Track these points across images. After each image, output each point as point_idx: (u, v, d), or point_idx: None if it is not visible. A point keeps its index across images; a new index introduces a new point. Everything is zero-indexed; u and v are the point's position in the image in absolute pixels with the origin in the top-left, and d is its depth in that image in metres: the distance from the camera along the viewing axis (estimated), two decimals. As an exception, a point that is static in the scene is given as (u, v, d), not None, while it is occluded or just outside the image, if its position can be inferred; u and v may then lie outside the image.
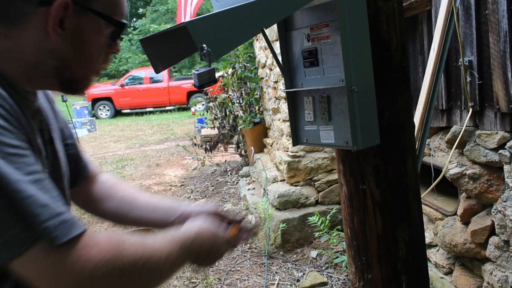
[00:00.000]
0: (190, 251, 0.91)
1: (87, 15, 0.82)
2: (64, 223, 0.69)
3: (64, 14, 0.79)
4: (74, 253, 0.69)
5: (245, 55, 5.99)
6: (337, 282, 3.16)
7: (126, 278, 0.75)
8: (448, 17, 2.21)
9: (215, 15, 0.94)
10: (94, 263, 0.71)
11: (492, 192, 2.28)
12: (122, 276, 0.75)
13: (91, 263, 0.70)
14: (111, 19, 0.85)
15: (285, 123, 4.27)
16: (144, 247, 0.80)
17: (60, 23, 0.79)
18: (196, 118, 9.81)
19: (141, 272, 0.78)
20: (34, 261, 0.67)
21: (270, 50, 1.50)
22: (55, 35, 0.79)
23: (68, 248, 0.69)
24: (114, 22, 0.86)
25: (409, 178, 1.26)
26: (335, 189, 3.94)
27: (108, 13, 0.84)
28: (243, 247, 3.89)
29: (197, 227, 0.96)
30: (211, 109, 7.11)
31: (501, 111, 2.14)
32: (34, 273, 0.68)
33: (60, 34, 0.80)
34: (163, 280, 0.85)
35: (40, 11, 0.78)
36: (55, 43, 0.80)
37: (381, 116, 1.18)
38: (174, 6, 21.60)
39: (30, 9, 0.78)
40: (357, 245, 1.30)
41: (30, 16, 0.78)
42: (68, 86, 0.89)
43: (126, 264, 0.75)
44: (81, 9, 0.81)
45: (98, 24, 0.84)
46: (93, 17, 0.83)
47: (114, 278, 0.74)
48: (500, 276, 2.27)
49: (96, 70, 0.90)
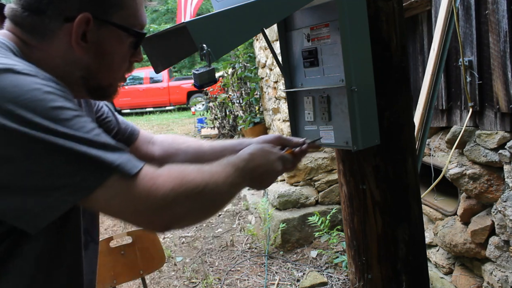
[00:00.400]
0: (246, 171, 0.97)
1: (108, 28, 0.88)
2: (131, 159, 0.79)
3: (86, 28, 0.86)
4: (146, 182, 0.78)
5: (245, 55, 5.99)
6: (337, 282, 3.16)
7: (192, 200, 0.84)
8: (448, 17, 2.21)
9: (215, 15, 0.94)
10: (163, 190, 0.79)
11: (492, 192, 2.28)
12: (188, 199, 0.83)
13: (161, 190, 0.79)
14: (130, 30, 0.91)
15: (285, 123, 4.28)
16: (203, 172, 0.88)
17: (83, 37, 0.86)
18: (196, 118, 9.79)
19: (204, 194, 0.85)
20: (113, 193, 0.76)
21: (270, 50, 1.50)
22: (79, 48, 0.86)
23: (140, 179, 0.78)
24: (133, 33, 0.92)
25: (409, 178, 1.26)
26: (335, 189, 3.95)
27: (127, 25, 0.90)
28: (243, 247, 3.89)
29: (250, 149, 1.03)
30: (211, 109, 7.12)
31: (501, 111, 2.14)
32: (115, 205, 0.78)
33: (83, 46, 0.87)
34: (225, 201, 0.94)
35: (65, 26, 0.85)
36: (80, 55, 0.87)
37: (381, 116, 1.17)
38: (174, 6, 21.59)
39: (56, 25, 0.85)
40: (357, 245, 1.30)
41: (57, 31, 0.86)
42: (96, 93, 0.96)
43: (190, 188, 0.83)
44: (102, 23, 0.87)
45: (118, 36, 0.90)
46: (113, 29, 0.89)
47: (182, 201, 0.82)
48: (500, 276, 2.27)
49: (121, 77, 0.97)
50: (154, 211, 0.80)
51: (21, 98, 0.70)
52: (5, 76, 0.72)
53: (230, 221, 4.54)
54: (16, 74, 0.73)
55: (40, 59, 0.86)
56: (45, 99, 0.72)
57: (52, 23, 0.85)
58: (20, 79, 0.72)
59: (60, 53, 0.87)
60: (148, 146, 1.27)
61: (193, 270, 3.58)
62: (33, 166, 0.71)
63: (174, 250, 3.98)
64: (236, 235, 4.15)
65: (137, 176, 0.78)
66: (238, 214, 4.68)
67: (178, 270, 3.64)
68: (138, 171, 0.78)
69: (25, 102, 0.70)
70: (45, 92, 0.73)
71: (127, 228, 4.56)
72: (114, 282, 2.05)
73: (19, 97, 0.70)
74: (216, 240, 4.12)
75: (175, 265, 3.73)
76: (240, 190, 0.99)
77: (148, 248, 2.14)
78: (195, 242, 4.12)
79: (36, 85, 0.73)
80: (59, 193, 0.73)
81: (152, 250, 2.15)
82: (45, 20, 0.85)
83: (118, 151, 0.79)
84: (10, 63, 0.75)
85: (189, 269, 3.60)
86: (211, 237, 4.18)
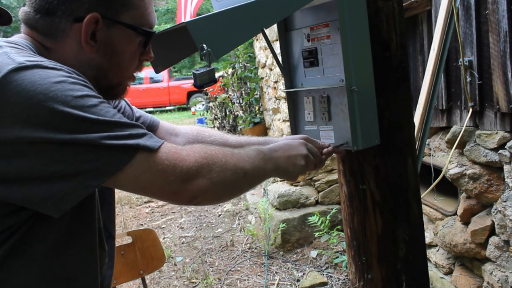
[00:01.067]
0: (271, 159, 1.01)
1: (117, 27, 0.91)
2: (152, 135, 0.84)
3: (95, 28, 0.88)
4: (171, 155, 0.83)
5: (245, 55, 5.99)
6: (337, 282, 3.16)
7: (215, 173, 0.87)
8: (448, 17, 2.21)
9: (215, 15, 0.94)
10: (187, 161, 0.84)
11: (492, 192, 2.28)
12: (211, 171, 0.87)
13: (186, 161, 0.84)
14: (139, 29, 0.93)
15: (285, 123, 4.28)
16: (225, 150, 0.92)
17: (93, 36, 0.89)
18: (196, 118, 9.79)
19: (226, 169, 0.89)
20: (142, 169, 0.80)
21: (270, 50, 1.50)
22: (88, 47, 0.89)
23: (164, 152, 0.82)
24: (142, 32, 0.94)
25: (409, 178, 1.26)
26: (335, 189, 3.94)
27: (136, 24, 0.92)
28: (243, 247, 3.89)
29: (277, 144, 1.07)
30: (211, 109, 7.12)
31: (501, 111, 2.14)
32: (143, 180, 0.81)
33: (93, 46, 0.89)
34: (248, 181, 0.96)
35: (75, 27, 0.88)
36: (91, 55, 0.90)
37: (381, 116, 1.17)
38: (174, 6, 21.58)
39: (67, 26, 0.88)
40: (357, 245, 1.30)
41: (68, 32, 0.89)
42: (106, 92, 0.96)
43: (212, 161, 0.87)
44: (111, 22, 0.90)
45: (128, 35, 0.92)
46: (122, 28, 0.91)
47: (206, 172, 0.86)
48: (500, 276, 2.27)
49: (130, 76, 0.99)
50: (180, 182, 0.83)
51: (50, 89, 0.74)
52: (35, 70, 0.76)
53: (230, 221, 4.54)
54: (44, 68, 0.77)
55: (57, 60, 0.88)
56: (72, 89, 0.77)
57: (62, 24, 0.88)
58: (48, 73, 0.77)
59: (73, 54, 0.90)
60: (171, 137, 1.29)
61: (193, 270, 3.58)
62: (60, 154, 0.75)
63: (174, 250, 3.98)
64: (236, 235, 4.16)
65: (160, 150, 0.82)
66: (238, 214, 4.68)
67: (178, 270, 3.64)
68: (160, 145, 0.82)
69: (54, 93, 0.74)
70: (71, 83, 0.78)
71: (127, 228, 4.56)
72: (114, 282, 2.05)
73: (49, 89, 0.74)
74: (216, 240, 4.12)
75: (175, 265, 3.73)
76: (264, 175, 1.02)
77: (148, 248, 2.14)
78: (195, 242, 4.12)
79: (63, 78, 0.77)
80: (83, 177, 0.77)
81: (152, 250, 2.15)
82: (56, 21, 0.88)
83: (140, 128, 0.83)
84: (37, 60, 0.79)
85: (189, 269, 3.60)
86: (211, 237, 4.18)
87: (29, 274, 0.83)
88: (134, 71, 0.99)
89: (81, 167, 0.76)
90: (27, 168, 0.75)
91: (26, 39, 0.91)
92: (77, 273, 0.90)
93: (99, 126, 0.77)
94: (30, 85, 0.73)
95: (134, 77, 1.02)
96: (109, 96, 1.02)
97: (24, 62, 0.76)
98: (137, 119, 1.25)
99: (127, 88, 1.02)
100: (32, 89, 0.73)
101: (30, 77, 0.74)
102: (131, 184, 0.82)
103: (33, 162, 0.75)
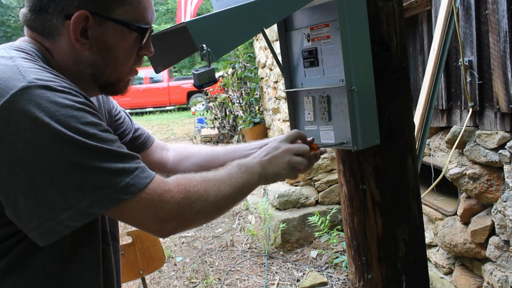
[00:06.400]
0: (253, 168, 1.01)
1: (109, 24, 0.89)
2: (143, 171, 0.84)
3: (86, 25, 0.87)
4: (155, 197, 0.84)
5: (245, 55, 6.00)
6: (337, 282, 3.16)
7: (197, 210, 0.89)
8: (448, 17, 2.21)
9: (215, 15, 0.94)
10: (170, 203, 0.85)
11: (492, 192, 2.28)
12: (192, 210, 0.89)
13: (168, 203, 0.85)
14: (131, 25, 0.90)
15: (285, 123, 4.28)
16: (207, 182, 0.93)
17: (85, 33, 0.87)
18: (196, 118, 9.78)
19: (208, 203, 0.91)
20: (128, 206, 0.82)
21: (270, 50, 1.50)
22: (79, 44, 0.88)
23: (149, 193, 0.83)
24: (134, 28, 0.91)
25: (409, 178, 1.26)
26: (335, 189, 3.94)
27: (129, 21, 0.90)
28: (243, 247, 3.89)
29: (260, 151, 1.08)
30: (211, 109, 7.12)
31: (501, 111, 2.14)
32: (128, 215, 0.84)
33: (84, 43, 0.88)
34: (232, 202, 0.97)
35: (67, 24, 0.87)
36: (82, 52, 0.89)
37: (381, 116, 1.17)
38: (174, 6, 21.58)
39: (59, 23, 0.87)
40: (357, 245, 1.30)
41: (61, 30, 0.88)
42: (106, 89, 0.98)
43: (194, 200, 0.89)
44: (102, 19, 0.88)
45: (121, 31, 0.90)
46: (114, 25, 0.89)
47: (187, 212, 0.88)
48: (500, 276, 2.27)
49: (129, 71, 0.97)
50: (160, 222, 0.86)
51: (57, 113, 0.76)
52: (44, 91, 0.77)
53: (230, 221, 4.54)
54: (52, 91, 0.78)
55: (59, 60, 0.90)
56: (76, 116, 0.78)
57: (55, 21, 0.87)
58: (56, 96, 0.77)
59: (69, 52, 0.89)
60: (163, 152, 1.31)
61: (193, 270, 3.58)
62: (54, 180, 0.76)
63: (174, 250, 3.99)
64: (236, 235, 4.16)
65: (147, 189, 0.83)
66: (238, 214, 4.68)
67: (178, 270, 3.64)
68: (148, 184, 0.83)
69: (59, 118, 0.76)
70: (77, 109, 0.79)
71: (127, 228, 4.56)
72: (114, 282, 2.05)
73: (55, 112, 0.76)
74: (216, 240, 4.12)
75: (175, 265, 3.73)
76: (253, 186, 1.02)
77: (148, 248, 2.14)
78: (195, 242, 4.12)
79: (69, 102, 0.78)
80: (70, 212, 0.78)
81: (152, 250, 2.15)
82: (48, 18, 0.87)
83: (135, 160, 0.84)
84: (47, 79, 0.79)
85: (189, 269, 3.60)
86: (211, 237, 4.18)
87: (37, 283, 0.84)
88: (133, 67, 0.98)
89: (67, 203, 0.77)
90: None
91: (31, 42, 0.90)
92: (85, 280, 0.91)
93: (96, 153, 0.78)
94: (37, 107, 0.74)
95: (136, 71, 1.00)
96: (110, 93, 1.02)
97: (34, 81, 0.77)
98: (136, 131, 1.25)
99: (129, 83, 1.00)
100: (37, 110, 0.74)
101: (37, 99, 0.75)
102: (115, 216, 0.87)
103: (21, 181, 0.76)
